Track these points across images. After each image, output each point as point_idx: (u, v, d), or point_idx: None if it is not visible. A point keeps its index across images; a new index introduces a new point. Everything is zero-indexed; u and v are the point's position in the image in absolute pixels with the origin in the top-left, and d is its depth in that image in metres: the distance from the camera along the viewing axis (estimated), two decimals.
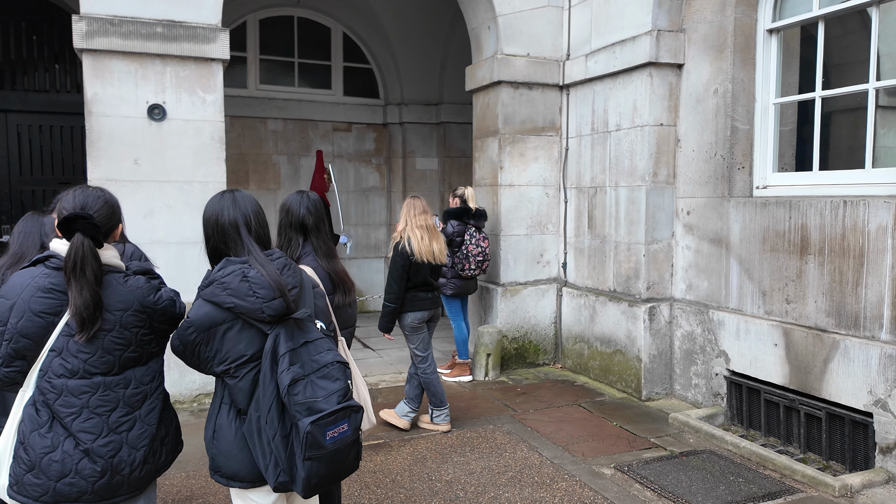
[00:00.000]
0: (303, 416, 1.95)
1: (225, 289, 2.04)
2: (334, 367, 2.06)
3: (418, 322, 4.84)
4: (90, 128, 5.05)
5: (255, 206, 2.22)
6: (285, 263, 2.16)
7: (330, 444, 1.98)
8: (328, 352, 2.08)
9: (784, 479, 4.05)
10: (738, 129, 5.02)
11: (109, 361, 2.07)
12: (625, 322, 5.74)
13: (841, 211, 4.19)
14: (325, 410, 1.97)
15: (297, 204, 2.85)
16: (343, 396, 2.03)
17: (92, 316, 1.99)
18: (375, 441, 4.67)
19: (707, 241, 5.25)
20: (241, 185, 8.94)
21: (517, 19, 6.38)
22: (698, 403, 5.33)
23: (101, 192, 2.19)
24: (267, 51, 9.22)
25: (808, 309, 4.42)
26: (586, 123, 6.29)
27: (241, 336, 2.06)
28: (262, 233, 2.19)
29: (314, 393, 1.98)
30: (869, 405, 4.00)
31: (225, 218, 2.14)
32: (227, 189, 2.24)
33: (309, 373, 2.00)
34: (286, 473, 2.02)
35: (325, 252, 2.85)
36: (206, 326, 2.05)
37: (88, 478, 2.04)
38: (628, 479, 4.08)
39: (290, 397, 1.96)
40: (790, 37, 5.06)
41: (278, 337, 2.03)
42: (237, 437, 2.10)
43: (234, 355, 2.06)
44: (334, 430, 1.99)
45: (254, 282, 2.04)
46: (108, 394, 2.07)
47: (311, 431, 1.94)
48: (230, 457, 2.11)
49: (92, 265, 2.00)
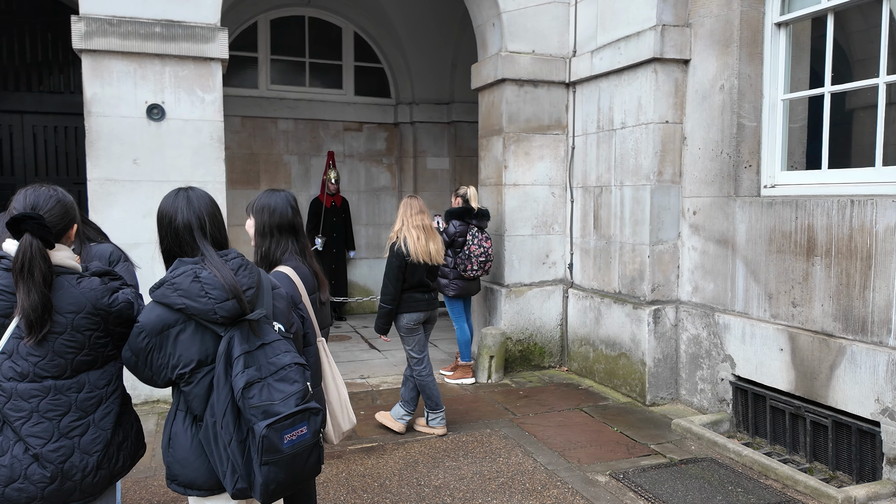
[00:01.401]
0: (258, 419, 1.90)
1: (176, 290, 1.98)
2: (292, 368, 2.01)
3: (414, 323, 4.77)
4: (89, 128, 5.07)
5: (210, 207, 2.15)
6: (241, 264, 2.10)
7: (288, 448, 1.93)
8: (286, 354, 2.03)
9: (786, 489, 3.89)
10: (744, 126, 4.86)
11: (61, 365, 2.02)
12: (629, 325, 5.60)
13: (848, 211, 4.02)
14: (282, 413, 1.91)
15: (284, 203, 2.79)
16: (301, 399, 1.97)
17: (40, 318, 1.95)
18: (368, 444, 4.61)
19: (713, 241, 5.09)
20: (252, 184, 8.98)
21: (522, 16, 6.27)
22: (704, 409, 5.17)
23: (55, 191, 2.14)
24: (278, 51, 9.24)
25: (814, 313, 4.25)
26: (592, 121, 6.16)
27: (195, 339, 2.00)
28: (217, 234, 2.14)
29: (271, 396, 1.93)
30: (876, 414, 3.82)
31: (179, 220, 2.09)
32: (182, 187, 2.17)
33: (266, 375, 1.95)
34: (244, 480, 1.96)
35: (302, 251, 2.80)
36: (158, 330, 1.99)
37: (38, 483, 2.00)
38: (623, 487, 3.96)
39: (245, 401, 1.91)
40: (800, 30, 4.88)
41: (232, 339, 1.97)
42: (193, 444, 2.05)
43: (186, 359, 2.00)
44: (292, 433, 1.94)
45: (206, 282, 1.98)
46: (60, 398, 2.02)
47: (266, 435, 1.88)
48: (186, 465, 2.06)
49: (41, 266, 1.95)
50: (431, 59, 9.47)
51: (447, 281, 6.06)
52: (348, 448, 4.53)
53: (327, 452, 4.41)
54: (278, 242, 2.78)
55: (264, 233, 2.80)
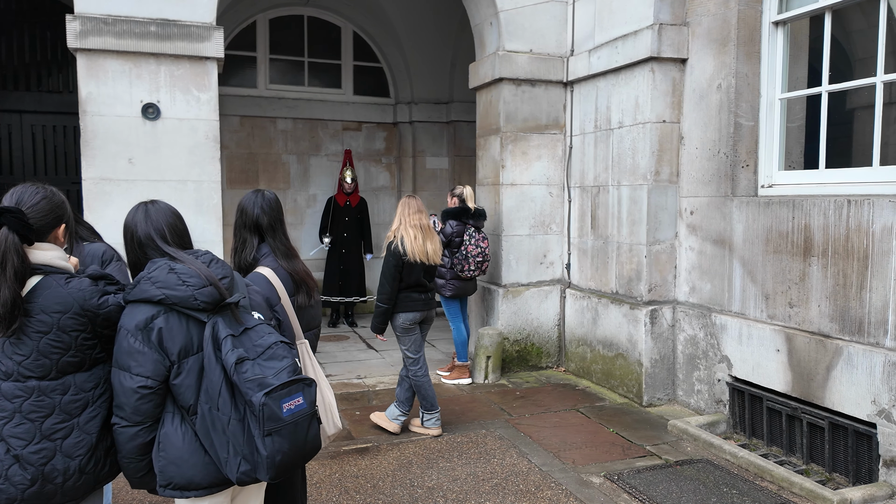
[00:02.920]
0: (255, 391, 1.90)
1: (154, 283, 2.00)
2: (278, 346, 2.02)
3: (410, 323, 4.75)
4: (84, 127, 5.06)
5: (171, 219, 2.19)
6: (212, 258, 2.14)
7: (288, 417, 1.93)
8: (270, 335, 2.05)
9: (781, 491, 3.86)
10: (741, 125, 4.83)
11: (45, 365, 2.00)
12: (626, 325, 5.57)
13: (845, 211, 3.99)
14: (276, 384, 1.92)
15: (252, 204, 2.77)
16: (293, 371, 1.99)
17: (9, 314, 1.92)
18: (363, 444, 4.59)
19: (710, 241, 5.06)
20: (251, 184, 8.96)
21: (519, 15, 6.25)
22: (701, 410, 5.14)
23: (44, 189, 2.12)
24: (277, 50, 9.22)
25: (810, 313, 4.22)
26: (589, 121, 6.13)
27: (180, 329, 2.01)
28: (179, 242, 2.18)
29: (263, 372, 1.94)
30: (873, 415, 3.79)
31: (139, 232, 2.14)
32: (144, 201, 2.22)
33: (254, 357, 1.96)
34: (248, 461, 1.94)
35: (283, 252, 2.76)
36: (142, 326, 1.99)
37: (18, 485, 1.98)
38: (617, 488, 3.94)
39: (240, 375, 1.91)
40: (798, 29, 4.84)
41: (217, 323, 1.99)
42: (186, 441, 2.03)
43: (175, 348, 2.00)
44: (290, 402, 1.94)
45: (181, 272, 2.02)
46: (43, 399, 2.00)
47: (266, 403, 1.88)
48: (182, 463, 2.03)
49: (13, 261, 1.92)
50: (430, 58, 9.44)
51: (444, 281, 6.03)
52: (342, 448, 4.52)
53: (321, 454, 4.40)
54: (245, 242, 2.77)
55: (234, 233, 2.84)
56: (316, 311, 2.91)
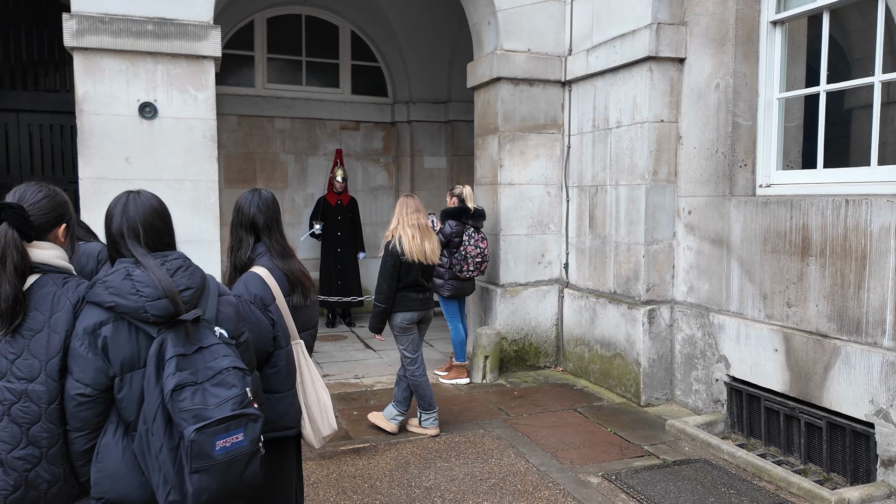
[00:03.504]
0: (188, 424, 1.78)
1: (107, 287, 1.90)
2: (230, 372, 1.88)
3: (408, 323, 4.74)
4: (81, 126, 5.04)
5: (149, 216, 2.04)
6: (181, 265, 2.01)
7: (220, 455, 1.80)
8: (224, 357, 1.91)
9: (779, 491, 3.86)
10: (739, 125, 4.83)
11: (34, 367, 1.94)
12: (624, 325, 5.56)
13: (843, 210, 3.98)
14: (214, 417, 1.80)
15: (248, 203, 2.75)
16: (239, 404, 1.85)
17: (11, 310, 1.90)
18: (360, 444, 4.58)
19: (708, 241, 5.06)
20: (249, 184, 8.94)
21: (517, 14, 6.24)
22: (699, 410, 5.14)
23: (46, 188, 2.08)
24: (275, 49, 9.20)
25: (808, 313, 4.22)
26: (588, 120, 6.13)
27: (129, 340, 1.90)
28: (154, 241, 2.04)
29: (205, 401, 1.82)
30: (870, 415, 3.79)
31: (113, 228, 2.03)
32: (131, 191, 2.10)
33: (203, 380, 1.84)
34: (176, 491, 1.82)
35: (279, 252, 2.72)
36: (90, 330, 1.90)
37: (1, 490, 1.94)
38: (615, 488, 3.93)
39: (175, 404, 1.79)
40: (796, 29, 4.84)
41: (165, 341, 1.87)
42: (125, 455, 1.92)
43: (118, 360, 1.89)
44: (225, 439, 1.81)
45: (137, 280, 1.90)
46: (30, 406, 1.94)
47: (195, 440, 1.77)
48: (117, 478, 1.91)
49: (13, 257, 1.90)
50: (428, 57, 9.43)
51: (442, 281, 6.02)
52: (340, 448, 4.51)
53: (318, 453, 4.39)
54: (241, 241, 2.74)
55: (231, 232, 2.80)
56: (312, 312, 2.88)
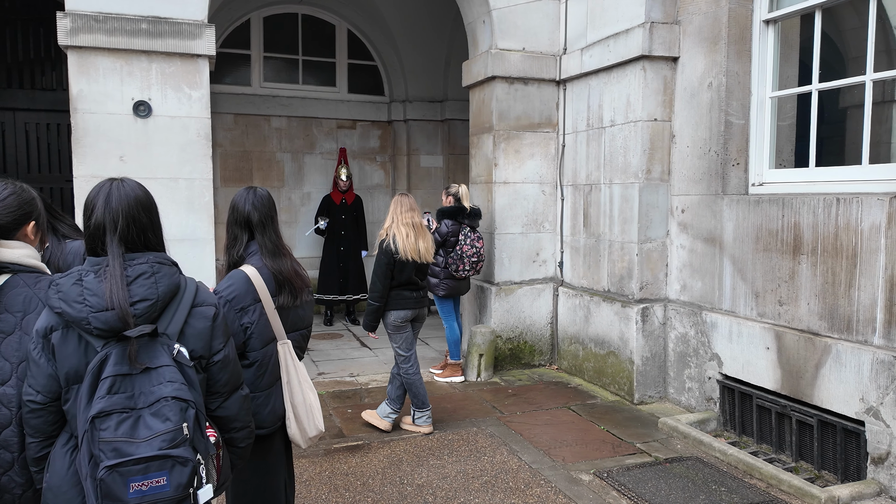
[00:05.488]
0: (105, 458, 1.60)
1: (57, 291, 1.78)
2: (167, 403, 1.67)
3: (401, 321, 4.75)
4: (76, 125, 5.05)
5: (132, 207, 1.86)
6: (144, 272, 1.81)
7: (134, 499, 1.61)
8: (168, 384, 1.70)
9: (770, 488, 3.87)
10: (732, 123, 4.84)
11: (5, 369, 1.89)
12: (618, 323, 5.58)
13: (834, 209, 4.00)
14: (134, 456, 1.60)
15: (243, 201, 2.74)
16: (169, 441, 1.64)
17: None
18: (353, 442, 4.59)
19: (701, 240, 5.07)
20: (245, 182, 8.94)
21: (512, 13, 6.25)
22: (692, 408, 5.15)
23: (13, 185, 2.05)
24: (271, 48, 9.20)
25: (800, 311, 4.23)
26: (582, 119, 6.14)
27: (78, 349, 1.77)
28: (134, 238, 1.85)
29: (134, 432, 1.63)
30: (861, 413, 3.80)
31: (94, 218, 1.85)
32: (114, 178, 1.93)
33: (142, 406, 1.66)
34: None
35: (270, 250, 2.70)
36: (42, 334, 1.79)
37: None
38: (606, 485, 3.95)
39: (95, 432, 1.62)
40: (788, 28, 4.85)
41: (108, 357, 1.71)
42: (70, 471, 1.77)
43: (63, 369, 1.77)
44: (143, 482, 1.61)
45: (87, 287, 1.75)
46: (0, 409, 1.88)
47: (105, 479, 1.59)
48: (59, 494, 1.77)
49: None
50: (425, 56, 9.44)
51: (437, 280, 6.03)
52: (333, 446, 4.52)
53: (312, 451, 4.40)
54: (235, 238, 2.74)
55: (226, 229, 2.80)
56: (303, 312, 2.82)
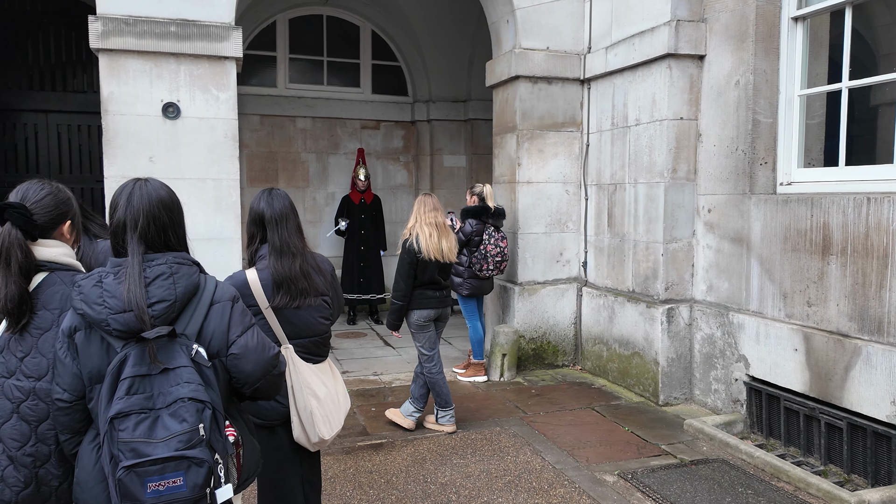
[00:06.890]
0: (124, 458, 1.65)
1: (79, 293, 1.82)
2: (185, 404, 1.70)
3: (424, 320, 4.77)
4: (106, 126, 5.15)
5: (155, 208, 1.88)
6: (162, 272, 1.84)
7: (151, 499, 1.64)
8: (185, 385, 1.73)
9: (798, 492, 3.82)
10: (760, 122, 4.78)
11: (42, 365, 1.94)
12: (643, 324, 5.54)
13: (864, 208, 3.93)
14: (151, 456, 1.64)
15: (258, 200, 2.76)
16: (186, 442, 1.68)
17: (17, 310, 1.90)
18: (378, 440, 4.63)
19: (728, 240, 5.02)
20: (271, 182, 9.05)
21: (536, 12, 6.24)
22: (718, 410, 5.10)
23: (49, 185, 2.08)
24: (296, 50, 9.30)
25: (829, 312, 4.16)
26: (606, 118, 6.10)
27: (100, 349, 1.82)
28: (156, 237, 1.88)
29: (151, 433, 1.67)
30: (892, 416, 3.73)
31: (116, 216, 1.88)
32: (139, 178, 1.96)
33: (160, 407, 1.70)
34: None
35: (277, 249, 2.66)
36: (67, 334, 1.84)
37: (13, 487, 1.94)
38: (630, 487, 3.92)
39: (114, 433, 1.66)
40: (818, 25, 4.77)
41: (127, 358, 1.74)
42: (97, 466, 1.81)
43: (87, 369, 1.82)
44: (160, 482, 1.65)
45: (106, 289, 1.79)
46: (38, 404, 1.94)
47: (122, 479, 1.63)
48: (86, 489, 1.83)
49: (17, 256, 1.90)
50: (448, 56, 9.46)
51: (461, 280, 6.05)
52: (357, 444, 4.55)
53: (336, 448, 4.44)
54: (252, 237, 2.77)
55: (246, 228, 2.83)
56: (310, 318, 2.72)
